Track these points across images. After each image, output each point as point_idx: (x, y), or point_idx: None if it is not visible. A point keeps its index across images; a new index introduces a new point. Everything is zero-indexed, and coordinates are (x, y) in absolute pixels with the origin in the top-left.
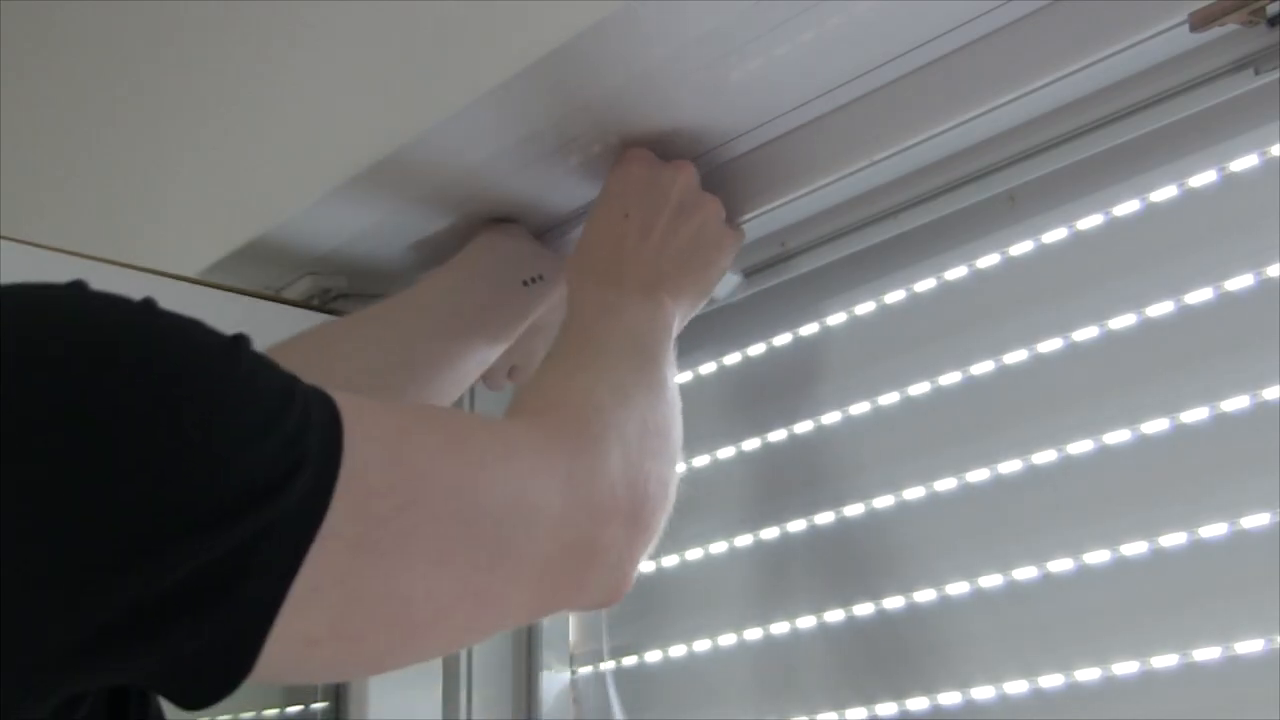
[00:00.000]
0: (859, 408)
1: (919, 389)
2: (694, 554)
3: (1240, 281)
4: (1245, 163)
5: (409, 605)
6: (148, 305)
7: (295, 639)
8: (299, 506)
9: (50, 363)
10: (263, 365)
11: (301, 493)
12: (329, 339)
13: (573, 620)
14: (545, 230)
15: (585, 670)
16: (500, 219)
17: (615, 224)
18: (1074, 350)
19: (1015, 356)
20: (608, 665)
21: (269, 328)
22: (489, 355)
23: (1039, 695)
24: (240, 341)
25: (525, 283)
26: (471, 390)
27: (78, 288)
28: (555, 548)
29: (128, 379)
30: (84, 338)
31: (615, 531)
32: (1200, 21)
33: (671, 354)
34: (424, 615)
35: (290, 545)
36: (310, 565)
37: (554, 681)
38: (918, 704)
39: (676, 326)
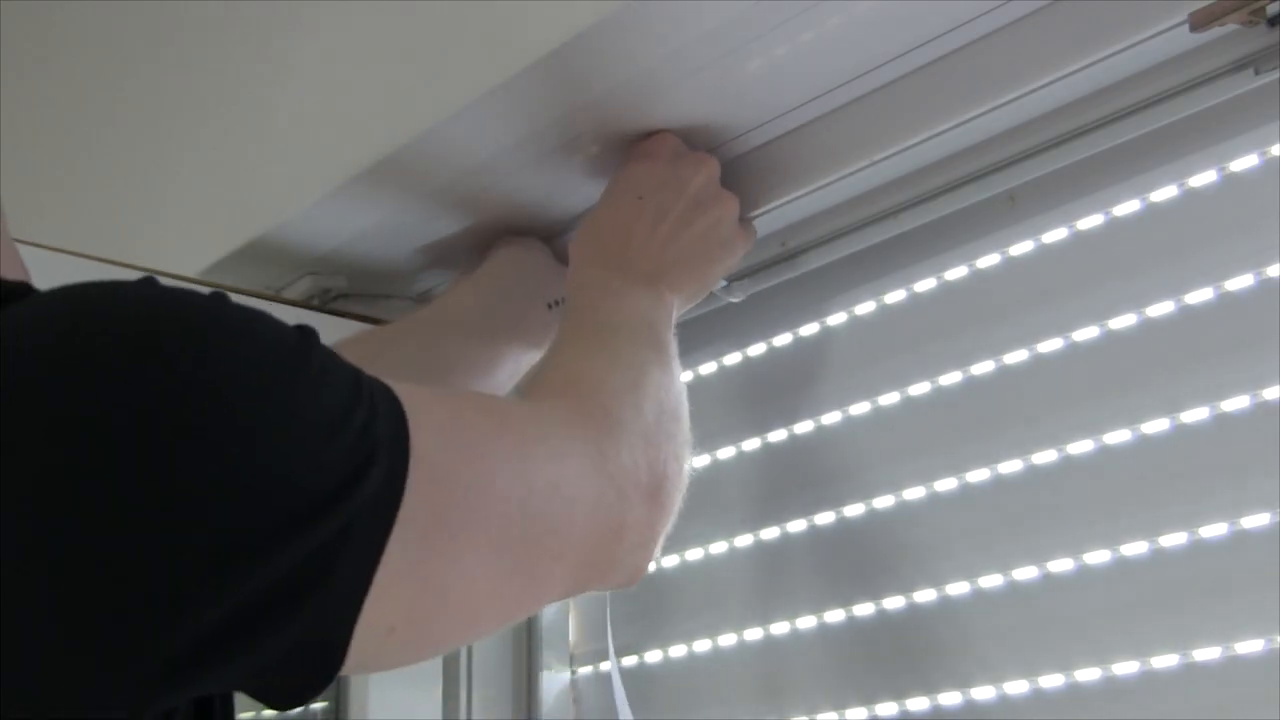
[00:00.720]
0: (859, 408)
1: (919, 389)
2: (694, 554)
3: (1240, 281)
4: (1245, 163)
5: (472, 587)
6: (218, 301)
7: (377, 629)
8: (375, 499)
9: (125, 365)
10: (331, 359)
11: (376, 485)
12: (375, 349)
13: (573, 620)
14: (548, 232)
15: (585, 670)
16: (516, 233)
17: (628, 206)
18: (1074, 350)
19: (1015, 356)
20: (609, 664)
21: None
22: (521, 363)
23: (1039, 695)
24: (309, 335)
25: (550, 305)
26: None
27: (147, 286)
28: (591, 526)
29: (200, 382)
30: (158, 335)
31: (639, 511)
32: (1200, 21)
33: (674, 344)
34: (483, 596)
35: (370, 538)
36: (389, 556)
37: (554, 681)
38: (918, 704)
39: (673, 320)
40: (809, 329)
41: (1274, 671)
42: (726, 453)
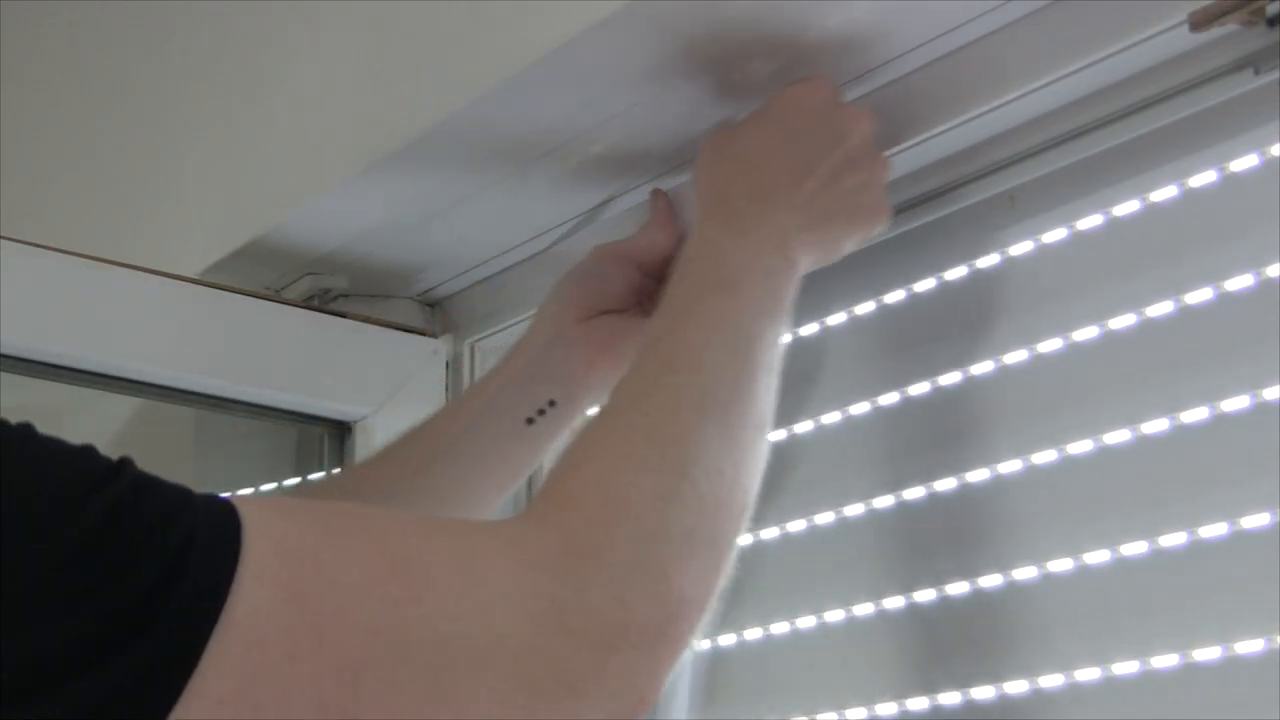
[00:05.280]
0: (859, 408)
1: (918, 389)
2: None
3: (1240, 281)
4: (1245, 163)
5: None
6: (23, 433)
7: None
8: (154, 667)
9: None
10: (140, 496)
11: (158, 652)
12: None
13: None
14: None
15: None
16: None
17: (773, 147)
18: (1074, 350)
19: (1015, 356)
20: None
21: (269, 328)
22: (486, 500)
23: (1039, 695)
24: (116, 475)
25: (530, 420)
26: None
27: None
28: (518, 685)
29: None
30: None
31: (624, 658)
32: (1200, 21)
33: (783, 324)
34: None
35: (139, 713)
36: None
37: None
38: (917, 704)
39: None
40: (809, 329)
41: (1274, 671)
42: None
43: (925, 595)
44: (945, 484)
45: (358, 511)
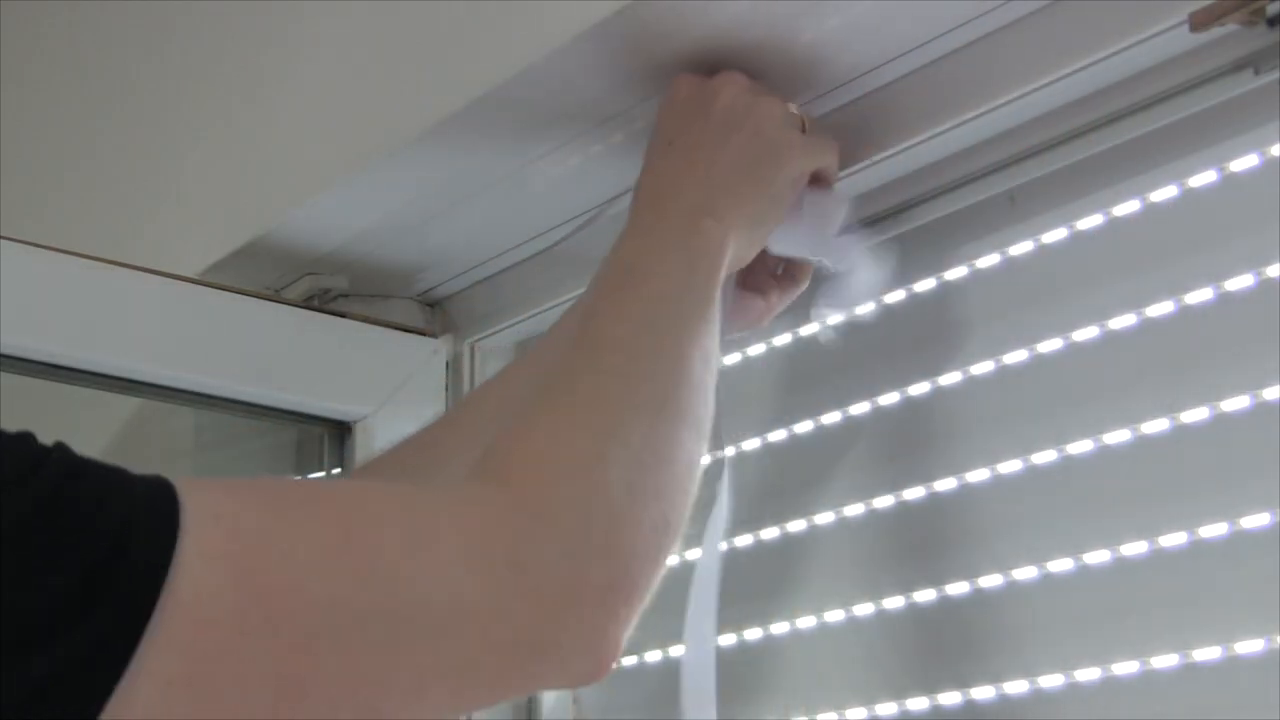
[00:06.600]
0: (859, 408)
1: (919, 389)
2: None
3: (1240, 281)
4: (1245, 163)
5: None
6: None
7: None
8: (94, 649)
9: None
10: (75, 480)
11: (98, 634)
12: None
13: None
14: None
15: None
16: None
17: (661, 157)
18: (1074, 350)
19: (1015, 356)
20: None
21: (269, 328)
22: None
23: (1039, 695)
24: (49, 460)
25: None
26: None
27: None
28: (482, 647)
29: None
30: None
31: (581, 614)
32: (1200, 21)
33: (711, 295)
34: None
35: (81, 695)
36: (113, 710)
37: None
38: (918, 704)
39: (733, 253)
40: (810, 328)
41: (1274, 671)
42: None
43: (925, 596)
44: (945, 484)
45: (305, 485)
